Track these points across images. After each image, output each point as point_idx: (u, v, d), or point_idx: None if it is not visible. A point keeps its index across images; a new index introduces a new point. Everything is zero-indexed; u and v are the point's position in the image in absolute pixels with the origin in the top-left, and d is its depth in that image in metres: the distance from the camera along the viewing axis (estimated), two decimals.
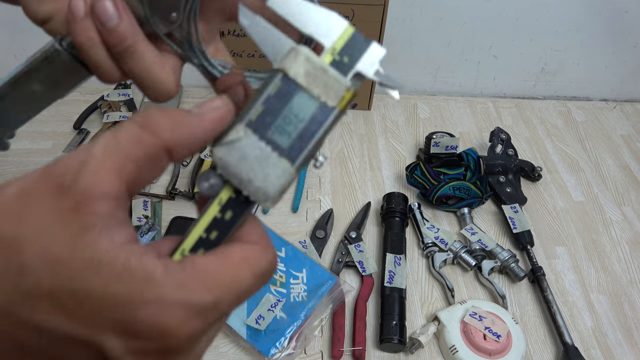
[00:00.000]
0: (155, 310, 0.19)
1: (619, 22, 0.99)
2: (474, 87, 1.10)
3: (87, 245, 0.20)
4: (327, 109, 0.25)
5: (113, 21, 0.29)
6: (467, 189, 0.80)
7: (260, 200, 0.24)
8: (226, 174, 0.24)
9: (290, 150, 0.24)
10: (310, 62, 0.25)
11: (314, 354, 0.64)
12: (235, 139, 0.24)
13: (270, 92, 0.25)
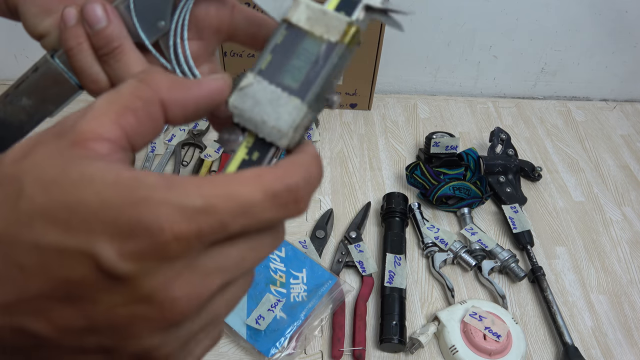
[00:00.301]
0: (143, 209, 0.19)
1: (619, 22, 0.99)
2: (474, 87, 1.10)
3: (81, 165, 0.20)
4: (331, 45, 0.26)
5: (101, 24, 0.30)
6: (467, 189, 0.80)
7: (275, 138, 0.25)
8: (242, 120, 0.25)
9: (300, 89, 0.25)
10: (310, 8, 0.26)
11: (314, 354, 0.64)
12: (246, 84, 0.25)
13: (277, 41, 0.26)
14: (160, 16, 0.32)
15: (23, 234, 0.20)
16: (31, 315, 0.20)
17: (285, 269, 0.68)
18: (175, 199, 0.19)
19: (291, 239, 0.73)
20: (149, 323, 0.20)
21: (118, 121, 0.22)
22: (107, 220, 0.19)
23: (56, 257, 0.20)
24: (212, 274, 0.21)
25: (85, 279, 0.20)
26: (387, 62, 1.02)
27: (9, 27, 0.97)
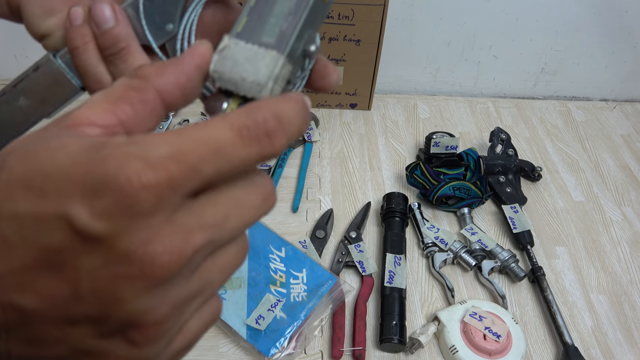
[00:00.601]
0: (108, 164, 0.19)
1: (619, 22, 0.99)
2: (474, 87, 1.10)
3: (61, 137, 0.20)
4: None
5: (109, 24, 0.30)
6: (467, 189, 0.80)
7: (255, 92, 0.25)
8: (223, 83, 0.25)
9: (277, 43, 0.25)
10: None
11: (314, 354, 0.64)
12: (223, 47, 0.25)
13: (251, 4, 0.26)
14: (168, 19, 0.32)
15: (3, 205, 0.20)
16: (17, 289, 0.20)
17: (285, 269, 0.68)
18: (140, 150, 0.19)
19: (291, 239, 0.73)
20: (131, 283, 0.19)
21: (112, 110, 0.22)
22: (77, 180, 0.19)
23: (34, 224, 0.19)
24: (194, 230, 0.20)
25: (63, 243, 0.19)
26: (387, 62, 1.02)
27: (9, 27, 0.96)
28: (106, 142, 0.20)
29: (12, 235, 0.20)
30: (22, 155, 0.20)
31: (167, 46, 0.33)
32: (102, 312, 0.20)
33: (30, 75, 0.33)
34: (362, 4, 0.85)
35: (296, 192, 0.83)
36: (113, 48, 0.31)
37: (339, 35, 0.89)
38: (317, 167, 0.89)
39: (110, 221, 0.19)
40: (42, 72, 0.32)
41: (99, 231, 0.19)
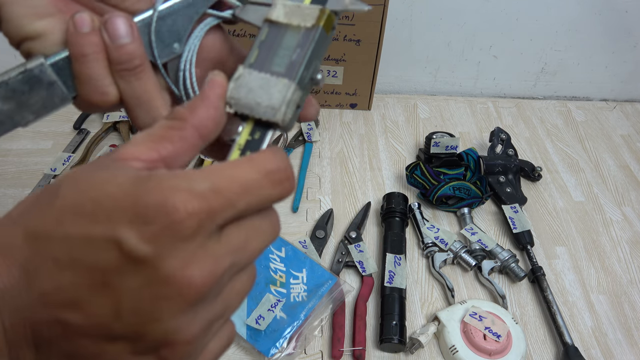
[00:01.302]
0: (158, 195, 0.21)
1: (619, 22, 0.99)
2: (474, 87, 1.10)
3: (110, 168, 0.23)
4: (309, 30, 0.29)
5: (125, 39, 0.30)
6: (467, 189, 0.80)
7: (270, 115, 0.28)
8: (239, 108, 0.28)
9: (287, 71, 0.29)
10: (287, 5, 0.30)
11: (314, 354, 0.64)
12: (238, 75, 0.29)
13: (262, 37, 0.30)
14: (176, 39, 0.32)
15: (56, 228, 0.22)
16: (64, 306, 0.22)
17: (285, 269, 0.68)
18: (185, 184, 0.22)
19: (291, 239, 0.73)
20: (168, 303, 0.22)
21: (155, 148, 0.25)
22: (126, 208, 0.21)
23: (84, 246, 0.22)
24: (223, 255, 0.23)
25: (110, 264, 0.21)
26: (387, 62, 1.02)
27: None
28: (151, 174, 0.22)
29: (62, 257, 0.22)
30: (74, 184, 0.23)
31: (169, 65, 0.33)
32: (140, 330, 0.22)
33: (14, 79, 0.30)
34: None
35: (296, 192, 0.83)
36: (128, 64, 0.30)
37: (339, 35, 0.89)
38: (317, 167, 0.89)
39: (156, 244, 0.21)
40: (29, 77, 0.30)
41: (145, 253, 0.21)
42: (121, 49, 0.30)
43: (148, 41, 0.31)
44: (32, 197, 0.24)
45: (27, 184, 0.82)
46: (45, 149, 0.89)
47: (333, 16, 0.30)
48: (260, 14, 0.31)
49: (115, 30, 0.29)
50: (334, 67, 0.94)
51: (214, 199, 0.22)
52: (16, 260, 0.22)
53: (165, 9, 0.31)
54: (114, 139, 0.92)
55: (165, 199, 0.21)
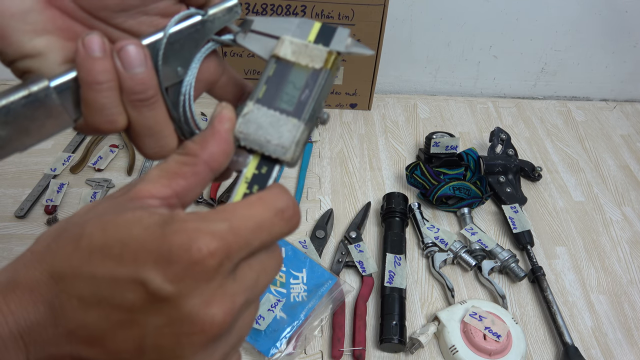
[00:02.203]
0: (180, 237, 0.22)
1: (619, 22, 0.99)
2: (474, 87, 1.10)
3: (132, 211, 0.24)
4: (316, 72, 0.30)
5: (140, 68, 0.28)
6: (467, 189, 0.80)
7: (280, 154, 0.29)
8: (248, 143, 0.29)
9: (295, 111, 0.29)
10: (294, 43, 0.31)
11: (314, 354, 0.64)
12: (247, 111, 0.29)
13: (269, 73, 0.30)
14: (181, 63, 0.31)
15: (83, 268, 0.23)
16: (87, 342, 0.23)
17: (285, 269, 0.68)
18: (205, 226, 0.23)
19: (291, 239, 0.73)
20: (191, 340, 0.23)
21: (169, 185, 0.26)
22: (151, 250, 0.22)
23: (111, 286, 0.22)
24: (239, 293, 0.24)
25: (135, 304, 0.22)
26: (387, 62, 1.02)
27: None
28: (174, 216, 0.24)
29: (89, 295, 0.23)
30: (101, 225, 0.24)
31: (170, 89, 0.32)
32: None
33: (17, 103, 0.27)
34: (362, 4, 0.85)
35: (296, 192, 0.83)
36: (143, 94, 0.29)
37: None
38: (317, 167, 0.89)
39: (179, 284, 0.22)
40: (32, 101, 0.28)
41: (169, 293, 0.22)
42: (135, 78, 0.28)
43: (154, 66, 0.30)
44: (53, 232, 0.25)
45: (27, 184, 0.82)
46: (45, 149, 0.89)
47: (339, 58, 0.31)
48: (262, 44, 0.32)
49: (129, 58, 0.28)
50: None
51: (232, 238, 0.23)
52: (42, 296, 0.23)
53: (174, 33, 0.31)
54: (113, 139, 0.92)
55: (189, 241, 0.22)
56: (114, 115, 0.29)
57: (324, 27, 0.32)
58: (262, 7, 0.85)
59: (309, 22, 0.32)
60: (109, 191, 0.82)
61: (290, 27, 0.32)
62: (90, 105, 0.29)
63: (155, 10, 0.31)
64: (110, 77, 0.28)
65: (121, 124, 0.30)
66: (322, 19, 0.87)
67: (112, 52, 0.28)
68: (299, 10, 0.86)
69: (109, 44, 0.28)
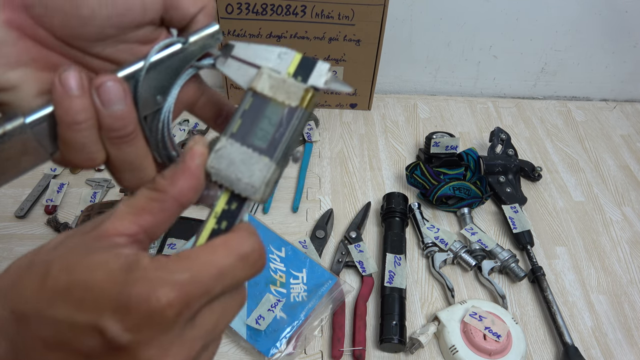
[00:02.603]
0: (140, 287, 0.22)
1: (619, 22, 0.99)
2: (474, 87, 1.10)
3: (98, 252, 0.24)
4: (292, 110, 0.29)
5: (119, 106, 0.27)
6: (467, 189, 0.80)
7: (249, 193, 0.29)
8: (219, 179, 0.29)
9: (268, 149, 0.29)
10: (272, 77, 0.30)
11: (314, 354, 0.64)
12: (220, 147, 0.29)
13: (245, 107, 0.30)
14: (160, 91, 0.31)
15: (45, 310, 0.23)
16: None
17: (285, 269, 0.68)
18: (166, 275, 0.23)
19: (291, 239, 0.73)
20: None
21: (136, 221, 0.26)
22: (112, 297, 0.22)
23: (71, 330, 0.23)
24: (197, 339, 0.25)
25: (94, 350, 0.22)
26: (387, 62, 1.02)
27: None
28: (137, 263, 0.24)
29: (50, 338, 0.23)
30: (66, 266, 0.24)
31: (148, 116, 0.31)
32: None
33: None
34: (362, 4, 0.85)
35: (296, 192, 0.83)
36: (122, 131, 0.28)
37: (339, 35, 0.89)
38: (317, 167, 0.89)
39: (137, 334, 0.22)
40: (7, 140, 0.26)
41: (127, 342, 0.22)
42: (114, 115, 0.27)
43: (133, 98, 0.29)
44: (21, 267, 0.25)
45: (27, 184, 0.82)
46: None
47: (316, 95, 0.30)
48: (242, 73, 0.31)
49: (108, 95, 0.27)
50: (334, 67, 0.94)
51: (192, 288, 0.23)
52: (5, 333, 0.23)
53: (153, 62, 0.29)
54: None
55: (148, 291, 0.22)
56: (92, 153, 0.28)
57: (304, 60, 0.31)
58: (262, 7, 0.85)
59: (289, 53, 0.31)
60: (109, 191, 0.82)
61: (271, 57, 0.31)
62: (68, 144, 0.27)
63: (134, 39, 0.30)
64: (88, 115, 0.27)
65: (100, 160, 0.29)
66: (322, 19, 0.87)
67: (91, 88, 0.27)
68: (299, 10, 0.86)
69: (87, 80, 0.27)
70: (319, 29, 0.88)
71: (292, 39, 0.90)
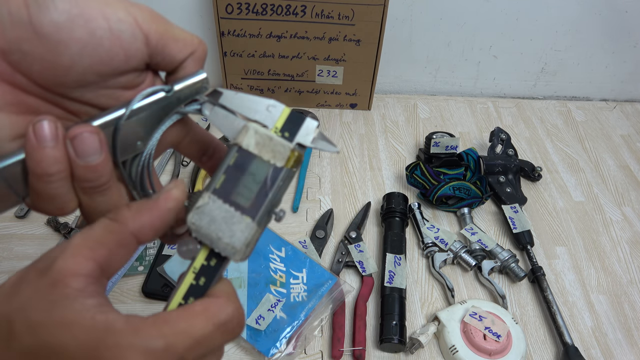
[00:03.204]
0: (114, 354, 0.22)
1: (619, 22, 0.99)
2: (474, 87, 1.10)
3: (61, 308, 0.23)
4: (277, 169, 0.29)
5: (94, 158, 0.26)
6: (467, 189, 0.80)
7: (229, 254, 0.28)
8: (199, 236, 0.28)
9: (251, 209, 0.28)
10: (259, 134, 0.29)
11: (314, 354, 0.64)
12: (203, 204, 0.28)
13: (229, 162, 0.29)
14: (141, 137, 0.30)
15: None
16: None
17: (285, 269, 0.68)
18: (140, 342, 0.23)
19: (291, 239, 0.73)
20: None
21: (92, 256, 0.25)
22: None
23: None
24: None
25: None
26: (387, 62, 1.02)
27: None
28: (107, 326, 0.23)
29: None
30: (29, 326, 0.23)
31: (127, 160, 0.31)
32: None
33: None
34: (362, 4, 0.85)
35: (296, 192, 0.83)
36: (95, 182, 0.27)
37: (339, 35, 0.89)
38: (317, 167, 0.89)
39: None
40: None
41: None
42: (89, 166, 0.26)
43: (112, 140, 0.28)
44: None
45: None
46: None
47: (302, 155, 0.30)
48: (228, 122, 0.30)
49: (84, 146, 0.26)
50: (334, 67, 0.94)
51: (166, 357, 0.23)
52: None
53: (135, 110, 0.29)
54: None
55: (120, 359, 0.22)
56: (63, 203, 0.27)
57: (292, 115, 0.30)
58: (262, 7, 0.85)
59: (278, 107, 0.30)
60: None
61: (259, 109, 0.30)
62: (39, 194, 0.27)
63: (116, 84, 0.29)
64: (61, 167, 0.26)
65: (71, 209, 0.28)
66: (322, 19, 0.87)
67: (65, 138, 0.26)
68: (299, 10, 0.86)
69: (62, 130, 0.26)
70: (319, 29, 0.88)
71: (292, 39, 0.90)
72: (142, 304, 0.67)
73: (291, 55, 0.92)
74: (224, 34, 0.88)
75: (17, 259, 0.71)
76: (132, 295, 0.68)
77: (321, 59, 0.93)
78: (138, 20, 0.27)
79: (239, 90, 0.31)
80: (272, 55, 0.92)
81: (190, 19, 0.93)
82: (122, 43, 0.27)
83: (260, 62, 0.93)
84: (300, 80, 0.96)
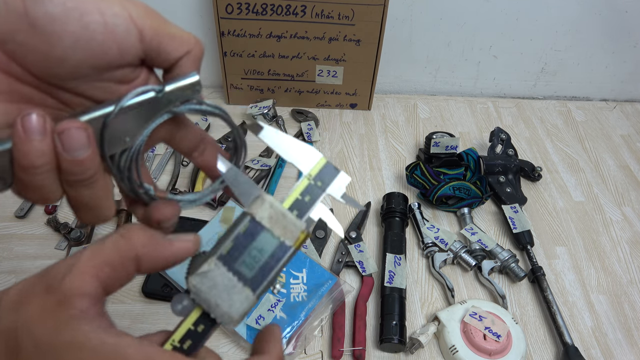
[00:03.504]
0: None
1: (619, 22, 0.99)
2: (474, 87, 1.10)
3: (69, 330, 0.24)
4: (285, 247, 0.30)
5: (81, 152, 0.26)
6: (467, 189, 0.80)
7: (225, 322, 0.29)
8: (198, 299, 0.29)
9: (252, 281, 0.29)
10: (273, 208, 0.30)
11: (314, 354, 0.64)
12: (207, 270, 0.29)
13: (240, 230, 0.30)
14: (130, 133, 0.30)
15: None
16: None
17: (285, 269, 0.68)
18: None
19: None
20: None
21: (97, 275, 0.26)
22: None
23: None
24: None
25: None
26: (387, 62, 1.02)
27: None
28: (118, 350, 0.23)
29: None
30: (37, 346, 0.23)
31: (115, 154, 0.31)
32: None
33: None
34: (362, 4, 0.85)
35: None
36: (81, 175, 0.27)
37: (339, 35, 0.89)
38: None
39: None
40: None
41: None
42: (75, 161, 0.26)
43: (100, 136, 0.28)
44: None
45: None
46: None
47: (309, 236, 0.31)
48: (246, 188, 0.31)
49: (71, 141, 0.26)
50: (334, 67, 0.94)
51: None
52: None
53: (125, 107, 0.29)
54: None
55: None
56: (48, 193, 0.27)
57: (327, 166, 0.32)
58: (262, 7, 0.85)
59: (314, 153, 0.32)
60: None
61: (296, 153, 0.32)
62: (24, 185, 0.27)
63: (110, 78, 0.29)
64: (47, 160, 0.26)
65: (56, 199, 0.28)
66: (322, 19, 0.87)
67: (53, 132, 0.26)
68: (299, 10, 0.86)
69: (51, 123, 0.26)
70: (319, 29, 0.88)
71: (292, 39, 0.90)
72: (142, 304, 0.67)
73: (291, 55, 0.92)
74: (224, 34, 0.88)
75: (17, 259, 0.71)
76: (132, 295, 0.68)
77: (321, 59, 0.93)
78: (132, 16, 0.27)
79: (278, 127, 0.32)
80: (272, 55, 0.92)
81: (190, 18, 0.93)
82: (116, 37, 0.27)
83: (260, 62, 0.93)
84: (300, 80, 0.96)
